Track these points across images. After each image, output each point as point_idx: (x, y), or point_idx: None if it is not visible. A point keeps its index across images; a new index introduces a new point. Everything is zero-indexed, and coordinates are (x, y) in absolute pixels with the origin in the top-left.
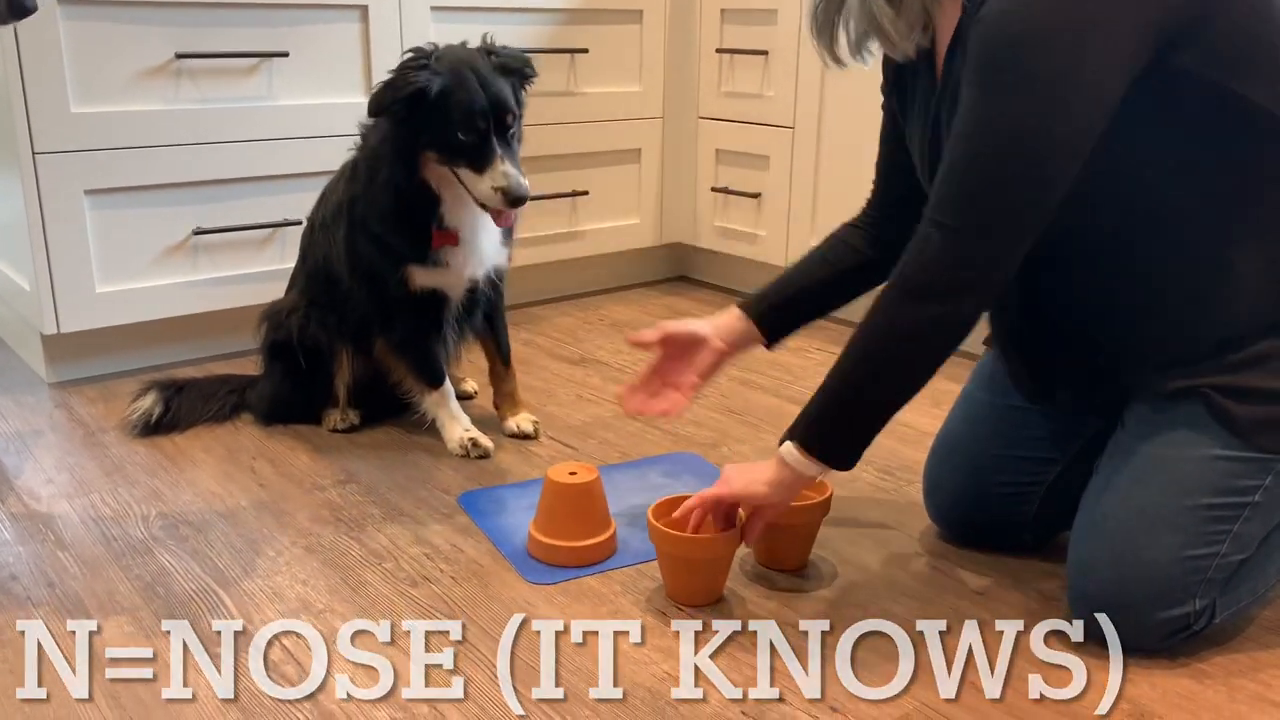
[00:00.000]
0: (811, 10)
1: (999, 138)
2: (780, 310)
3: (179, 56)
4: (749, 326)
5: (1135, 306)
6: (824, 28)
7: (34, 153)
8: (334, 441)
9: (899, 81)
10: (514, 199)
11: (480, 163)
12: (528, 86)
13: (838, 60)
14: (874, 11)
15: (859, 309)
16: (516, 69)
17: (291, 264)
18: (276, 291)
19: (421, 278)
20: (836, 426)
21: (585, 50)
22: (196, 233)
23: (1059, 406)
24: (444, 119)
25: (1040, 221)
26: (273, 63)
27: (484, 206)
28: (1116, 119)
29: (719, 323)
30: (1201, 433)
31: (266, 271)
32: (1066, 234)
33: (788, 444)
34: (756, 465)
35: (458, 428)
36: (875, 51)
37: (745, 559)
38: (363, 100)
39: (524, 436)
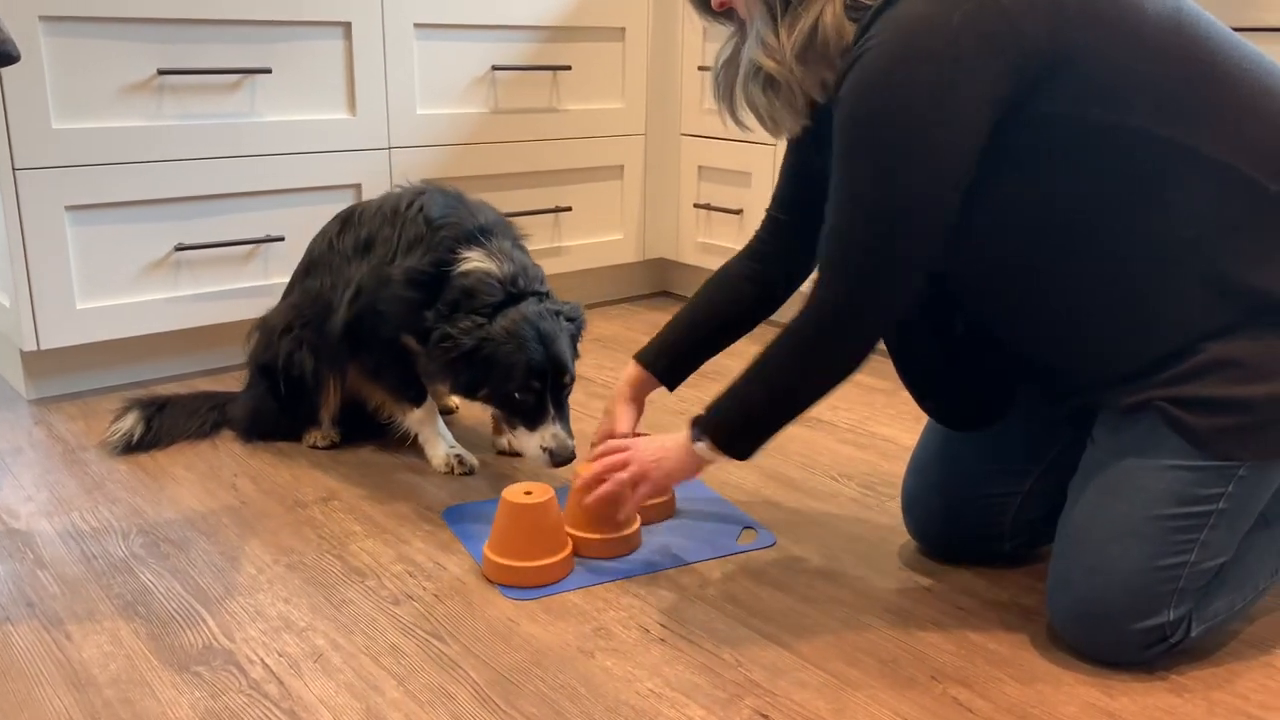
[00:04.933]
0: (714, 73)
1: (856, 209)
2: (679, 365)
3: (161, 73)
4: (653, 379)
5: (1072, 334)
6: (725, 93)
7: (14, 168)
8: (316, 458)
9: (817, 128)
10: (559, 462)
11: (532, 422)
12: (581, 338)
13: (740, 124)
14: (753, 99)
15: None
16: (572, 319)
17: (274, 280)
18: (259, 307)
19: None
20: (749, 438)
21: (568, 67)
22: (178, 249)
23: (1007, 421)
24: (504, 376)
25: (914, 272)
26: (256, 79)
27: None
28: (1008, 165)
29: (630, 390)
30: (1161, 444)
31: (249, 287)
32: (993, 272)
33: (701, 443)
34: (660, 450)
35: (442, 445)
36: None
37: (737, 571)
38: (346, 116)
39: (513, 454)
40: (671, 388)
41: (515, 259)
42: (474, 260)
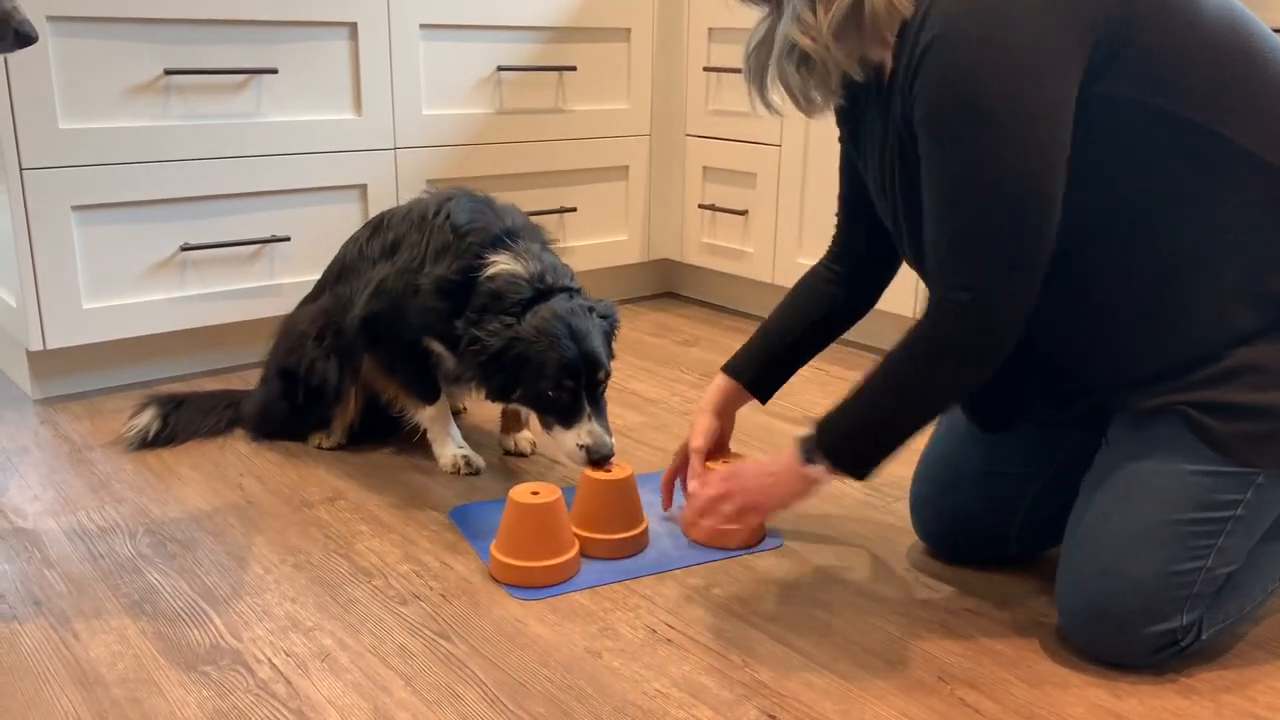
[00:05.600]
0: (745, 55)
1: (981, 195)
2: (768, 373)
3: (168, 73)
4: (742, 392)
5: (1097, 333)
6: (756, 73)
7: (21, 168)
8: (322, 459)
9: (850, 110)
10: (598, 459)
11: (568, 419)
12: (615, 336)
13: (769, 107)
14: (786, 77)
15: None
16: (605, 317)
17: (280, 280)
18: (265, 307)
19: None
20: (873, 454)
21: (574, 68)
22: (184, 249)
23: (1016, 429)
24: (535, 374)
25: (1048, 252)
26: (262, 79)
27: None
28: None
29: (718, 401)
30: (1182, 449)
31: (255, 287)
32: None
33: (816, 464)
34: (767, 475)
35: (450, 445)
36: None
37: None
38: (352, 116)
39: (519, 454)
40: (763, 400)
41: (543, 259)
42: (500, 264)
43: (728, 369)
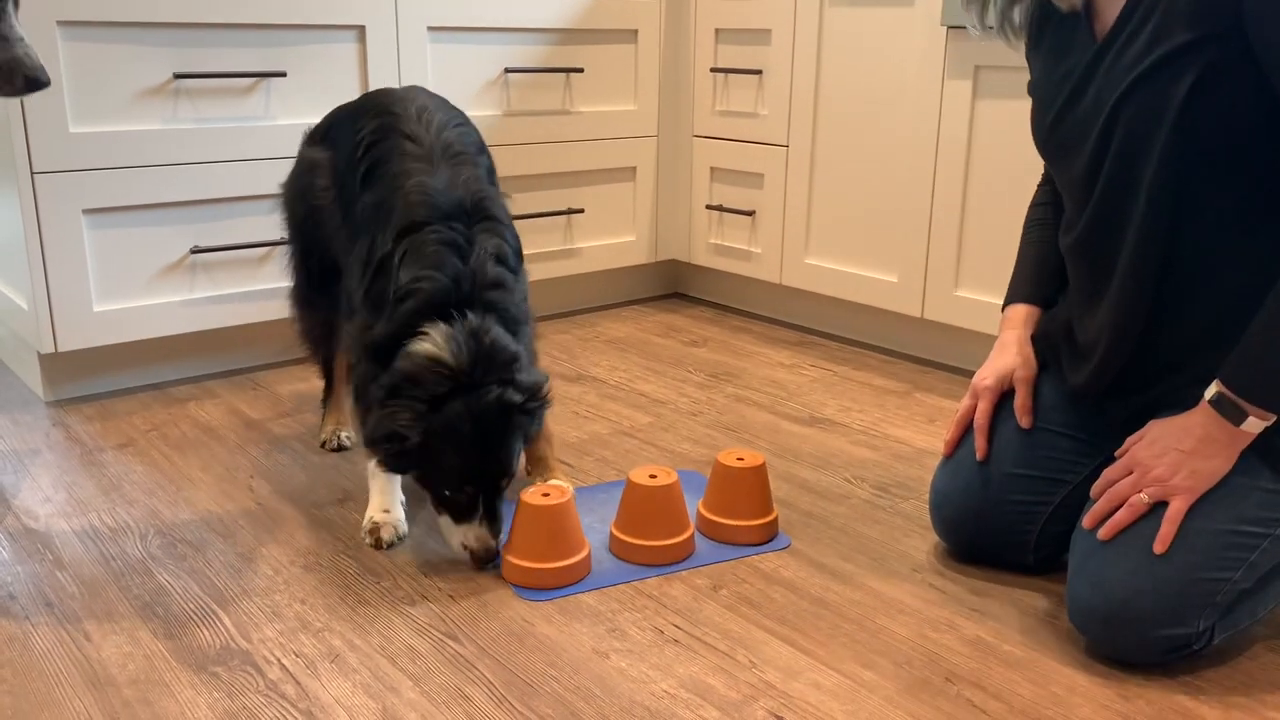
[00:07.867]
0: None
1: None
2: (1050, 285)
3: (177, 76)
4: (1035, 310)
5: (1195, 312)
6: None
7: (33, 172)
8: (331, 460)
9: (1039, 34)
10: (479, 563)
11: (460, 517)
12: (543, 415)
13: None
14: None
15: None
16: (529, 410)
17: (290, 283)
18: (275, 310)
19: None
20: None
21: (581, 70)
22: (194, 251)
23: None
24: (436, 475)
25: None
26: (270, 82)
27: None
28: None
29: (1023, 333)
30: (1237, 460)
31: (265, 290)
32: (1250, 210)
33: (1254, 418)
34: (1196, 455)
35: (372, 504)
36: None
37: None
38: None
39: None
40: (1049, 307)
41: (484, 339)
42: (430, 339)
43: (1015, 299)
